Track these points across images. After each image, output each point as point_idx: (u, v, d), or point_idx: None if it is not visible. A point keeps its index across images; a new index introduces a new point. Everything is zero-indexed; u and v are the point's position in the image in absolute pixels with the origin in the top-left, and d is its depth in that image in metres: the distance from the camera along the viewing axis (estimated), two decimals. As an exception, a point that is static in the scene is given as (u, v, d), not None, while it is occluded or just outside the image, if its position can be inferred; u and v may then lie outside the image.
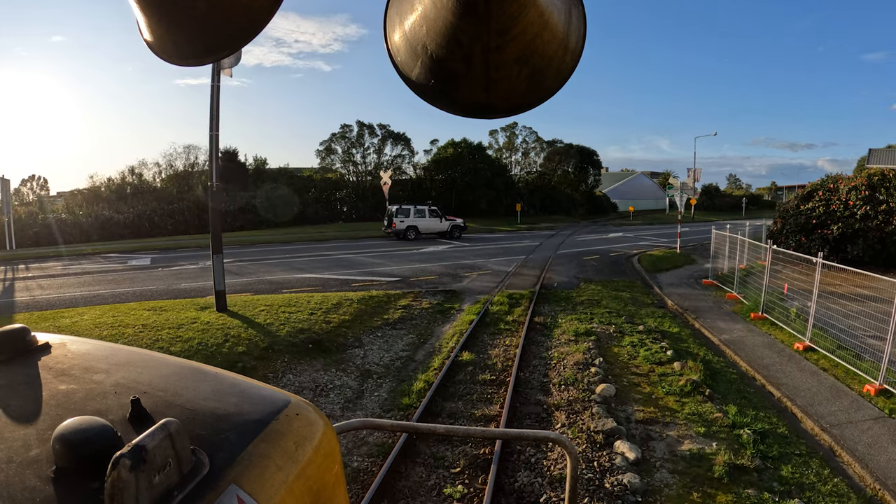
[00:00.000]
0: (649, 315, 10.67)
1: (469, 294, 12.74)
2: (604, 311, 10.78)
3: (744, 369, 7.83)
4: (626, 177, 71.66)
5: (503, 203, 43.38)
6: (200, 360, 2.01)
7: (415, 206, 27.45)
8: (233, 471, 0.74)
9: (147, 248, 22.89)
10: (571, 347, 8.24)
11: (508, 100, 0.79)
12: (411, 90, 0.79)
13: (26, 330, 1.05)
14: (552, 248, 23.78)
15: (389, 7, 0.78)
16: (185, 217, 31.14)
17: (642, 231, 35.00)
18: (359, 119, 44.78)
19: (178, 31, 0.76)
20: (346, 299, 11.08)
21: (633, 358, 7.90)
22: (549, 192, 49.38)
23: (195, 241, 25.14)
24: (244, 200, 33.53)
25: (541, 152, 53.40)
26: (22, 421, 0.82)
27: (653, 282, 14.87)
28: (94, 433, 0.70)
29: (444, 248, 23.00)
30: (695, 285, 14.26)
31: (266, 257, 19.78)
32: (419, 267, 17.05)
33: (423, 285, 13.77)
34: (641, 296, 12.95)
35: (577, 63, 0.81)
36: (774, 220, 19.58)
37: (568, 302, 11.81)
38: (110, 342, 1.18)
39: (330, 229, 32.27)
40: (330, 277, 14.89)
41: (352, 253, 21.00)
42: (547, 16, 0.72)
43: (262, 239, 27.25)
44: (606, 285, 14.04)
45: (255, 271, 16.20)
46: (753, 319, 10.24)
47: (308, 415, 0.92)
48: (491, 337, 9.11)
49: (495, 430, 1.69)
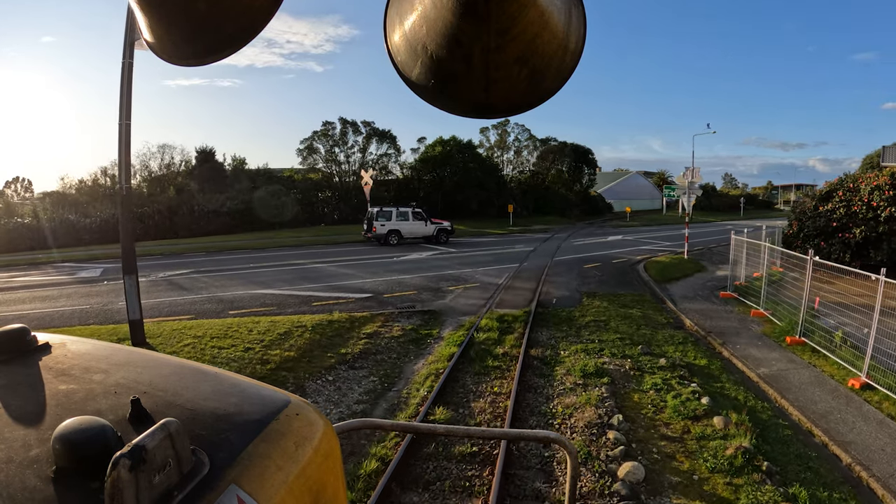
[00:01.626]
0: (668, 340, 10.75)
1: (451, 315, 12.85)
2: (614, 338, 10.71)
3: (796, 419, 7.46)
4: (620, 176, 79.45)
5: (495, 204, 47.12)
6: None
7: (397, 208, 29.28)
8: (233, 471, 0.88)
9: (107, 256, 24.78)
10: (580, 397, 7.65)
11: (508, 100, 0.95)
12: (411, 90, 0.95)
13: (26, 330, 1.20)
14: (548, 254, 25.14)
15: (389, 7, 0.93)
16: (154, 221, 34.04)
17: (642, 233, 37.82)
18: (342, 116, 48.25)
19: (178, 32, 0.91)
20: (298, 326, 10.93)
21: (660, 410, 7.34)
22: (542, 193, 54.08)
23: (160, 248, 27.22)
24: (219, 203, 36.41)
25: (534, 151, 58.61)
26: (22, 421, 0.95)
27: (664, 294, 15.46)
28: (94, 433, 0.83)
29: (427, 256, 24.37)
30: (712, 298, 14.80)
31: (227, 267, 20.67)
32: (396, 279, 17.61)
33: (397, 303, 13.96)
34: (654, 313, 13.23)
35: (578, 63, 0.96)
36: (790, 222, 20.56)
37: (570, 325, 11.84)
38: (110, 342, 1.34)
39: (308, 233, 34.80)
40: (290, 294, 15.08)
41: (324, 262, 22.27)
42: (547, 16, 0.85)
43: (231, 245, 29.00)
44: (613, 300, 14.37)
45: (208, 286, 16.53)
46: (791, 345, 10.28)
47: (308, 415, 1.08)
48: (475, 379, 8.58)
49: (495, 431, 1.91)
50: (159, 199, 36.15)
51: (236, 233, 35.23)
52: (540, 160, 58.48)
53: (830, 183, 19.62)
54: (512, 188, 52.35)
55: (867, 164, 52.08)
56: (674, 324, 12.34)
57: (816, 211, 18.68)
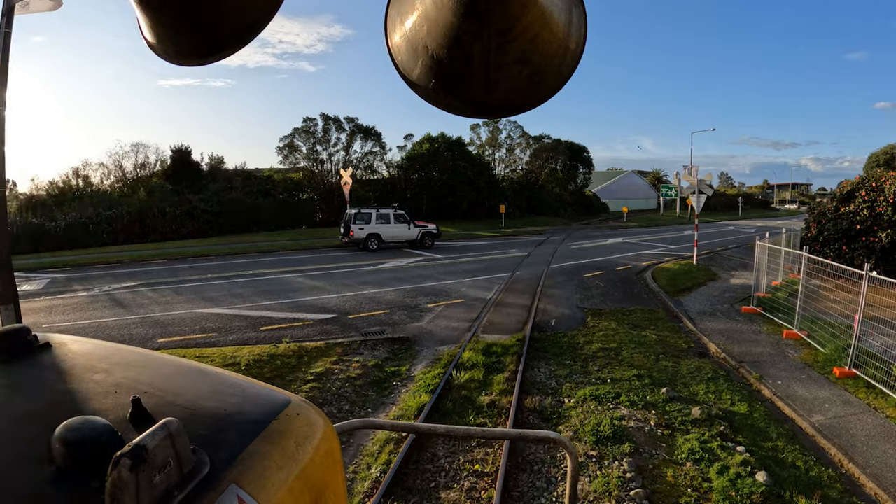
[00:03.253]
0: (695, 375, 10.49)
1: (428, 344, 12.71)
2: (630, 374, 10.31)
3: (872, 494, 6.84)
4: (615, 175, 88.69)
5: (486, 204, 51.72)
6: None
7: (377, 210, 31.08)
8: (233, 470, 1.06)
9: (66, 264, 26.63)
10: (595, 482, 6.74)
11: (509, 100, 1.14)
12: (412, 90, 1.13)
13: (26, 330, 1.38)
14: (543, 260, 26.93)
15: (390, 7, 1.12)
16: (123, 224, 36.06)
17: (643, 235, 42.05)
18: (323, 112, 52.09)
19: (179, 32, 1.09)
20: (229, 363, 10.47)
21: (705, 497, 6.50)
22: (536, 192, 59.25)
23: (120, 255, 28.55)
24: (192, 205, 38.93)
25: (527, 149, 64.25)
26: (22, 421, 1.11)
27: (678, 309, 16.01)
28: (94, 433, 0.99)
29: (409, 263, 25.74)
30: (733, 314, 15.33)
31: (183, 279, 21.33)
32: (368, 294, 18.13)
33: (363, 327, 13.98)
34: (672, 335, 13.47)
35: (578, 63, 1.15)
36: (807, 224, 21.98)
37: (574, 356, 11.59)
38: (111, 342, 1.52)
39: (286, 237, 37.71)
40: (239, 314, 15.08)
41: (292, 271, 23.39)
42: (547, 16, 1.01)
43: (199, 251, 30.53)
44: (622, 319, 14.72)
45: (150, 303, 16.63)
46: (840, 378, 10.13)
47: (308, 414, 1.27)
48: (450, 448, 7.63)
49: (496, 430, 2.13)
50: (129, 202, 37.93)
51: (211, 236, 38.31)
52: (533, 158, 63.39)
53: (851, 182, 20.67)
54: (504, 187, 56.30)
55: (872, 162, 54.53)
56: (696, 349, 12.49)
57: (837, 212, 19.71)
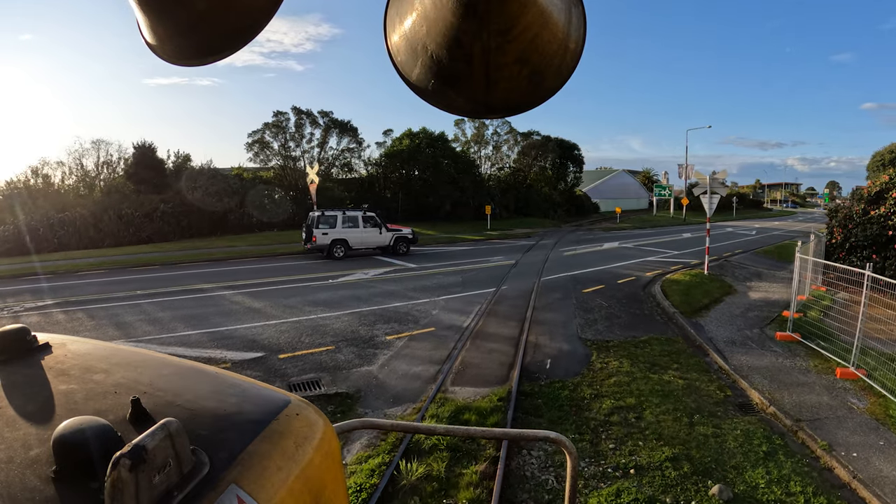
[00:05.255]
0: (745, 449, 7.74)
1: (373, 405, 9.36)
2: (662, 458, 7.37)
3: None
4: (605, 175, 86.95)
5: (471, 205, 49.44)
6: None
7: (343, 212, 28.23)
8: (233, 471, 1.07)
9: (7, 275, 24.10)
10: None
11: (509, 100, 1.14)
12: (411, 90, 1.14)
13: (26, 330, 1.40)
14: (533, 270, 23.83)
15: (389, 7, 1.12)
16: (76, 227, 33.76)
17: (640, 239, 39.40)
18: (295, 105, 48.66)
19: (178, 32, 1.09)
20: None
21: None
22: (524, 192, 57.43)
23: (57, 264, 25.82)
24: (152, 206, 36.81)
25: (515, 146, 62.16)
26: (22, 421, 1.12)
27: (700, 336, 13.27)
28: (94, 433, 1.00)
29: (375, 275, 22.34)
30: (766, 342, 12.69)
31: (108, 296, 18.16)
32: (314, 321, 14.58)
33: (293, 373, 10.65)
34: (700, 377, 10.57)
35: (578, 63, 1.16)
36: (830, 228, 20.37)
37: (580, 423, 8.56)
38: (110, 342, 1.52)
39: (247, 242, 35.05)
40: None
41: (234, 287, 19.71)
42: (547, 16, 1.02)
43: (147, 258, 27.90)
44: (635, 355, 11.77)
45: (49, 329, 14.28)
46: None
47: (308, 415, 1.28)
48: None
49: (496, 430, 2.16)
50: (83, 203, 36.00)
51: (171, 240, 35.89)
52: (521, 156, 61.68)
53: (879, 181, 19.21)
54: (490, 187, 54.61)
55: (877, 160, 54.29)
56: (736, 399, 9.69)
57: (866, 216, 18.20)
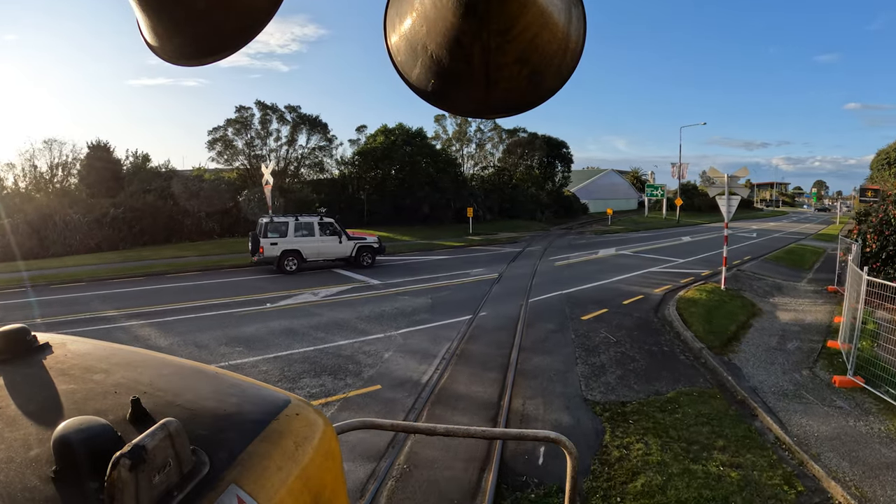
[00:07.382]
0: None
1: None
2: None
3: None
4: (594, 175, 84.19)
5: (451, 207, 46.40)
6: None
7: (296, 218, 24.72)
8: (233, 471, 1.07)
9: None
10: None
11: (508, 100, 1.16)
12: (411, 90, 1.15)
13: (26, 330, 1.39)
14: (520, 287, 19.81)
15: (389, 7, 1.13)
16: (18, 236, 31.55)
17: (637, 244, 35.96)
18: (259, 99, 45.63)
19: (178, 32, 1.09)
20: None
21: None
22: (509, 193, 54.63)
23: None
24: (102, 210, 34.59)
25: (499, 144, 59.19)
26: (22, 421, 1.12)
27: (740, 385, 10.19)
28: (94, 433, 1.00)
29: (325, 296, 18.23)
30: (826, 393, 9.87)
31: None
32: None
33: None
34: (757, 461, 7.51)
35: (578, 63, 1.17)
36: (863, 234, 18.55)
37: None
38: (110, 342, 1.51)
39: (198, 251, 32.21)
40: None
41: (144, 315, 15.70)
42: (547, 16, 1.03)
43: (77, 272, 24.37)
44: (665, 430, 8.38)
45: None
46: None
47: (308, 414, 1.28)
48: None
49: (495, 430, 2.17)
50: (26, 208, 33.65)
51: (121, 249, 33.15)
52: (507, 154, 58.71)
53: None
54: (473, 187, 51.54)
55: (882, 159, 54.13)
56: (812, 501, 6.77)
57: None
